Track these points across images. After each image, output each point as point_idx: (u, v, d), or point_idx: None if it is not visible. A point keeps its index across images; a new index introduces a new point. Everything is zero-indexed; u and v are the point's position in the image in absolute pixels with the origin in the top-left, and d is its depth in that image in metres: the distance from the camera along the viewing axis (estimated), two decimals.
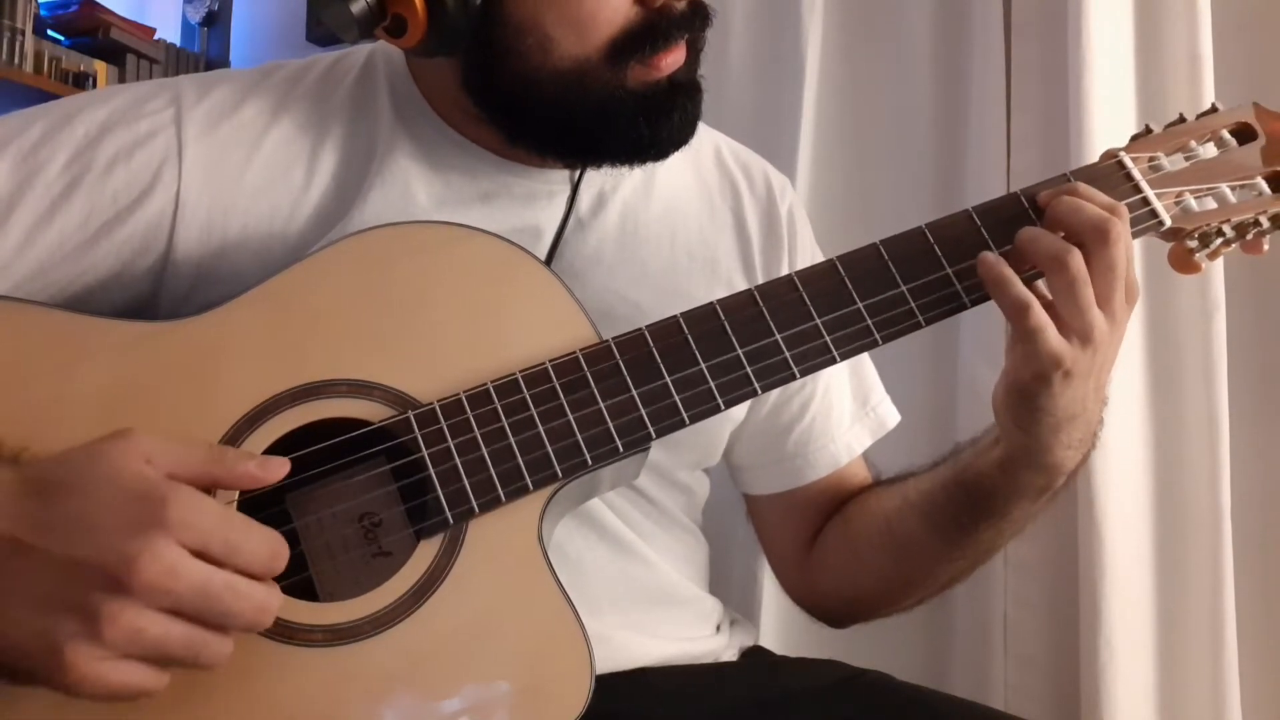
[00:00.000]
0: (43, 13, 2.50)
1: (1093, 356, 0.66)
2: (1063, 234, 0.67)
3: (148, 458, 0.54)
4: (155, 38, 2.68)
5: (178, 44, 2.79)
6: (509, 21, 0.70)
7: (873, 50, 1.44)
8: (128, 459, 0.54)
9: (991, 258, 0.67)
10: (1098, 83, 1.18)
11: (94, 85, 2.46)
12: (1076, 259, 0.65)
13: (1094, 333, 0.65)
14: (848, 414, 0.91)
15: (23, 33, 2.34)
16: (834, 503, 0.91)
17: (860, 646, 1.03)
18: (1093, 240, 0.65)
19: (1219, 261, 1.13)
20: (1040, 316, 0.65)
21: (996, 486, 0.75)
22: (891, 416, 0.93)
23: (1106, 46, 1.19)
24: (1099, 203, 0.67)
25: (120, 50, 2.55)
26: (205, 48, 2.82)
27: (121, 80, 2.53)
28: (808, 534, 0.91)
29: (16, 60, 2.31)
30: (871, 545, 0.86)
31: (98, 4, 2.55)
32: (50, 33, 2.52)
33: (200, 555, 0.52)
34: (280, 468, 0.59)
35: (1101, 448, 1.15)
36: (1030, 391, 0.67)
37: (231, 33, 2.79)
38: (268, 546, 0.55)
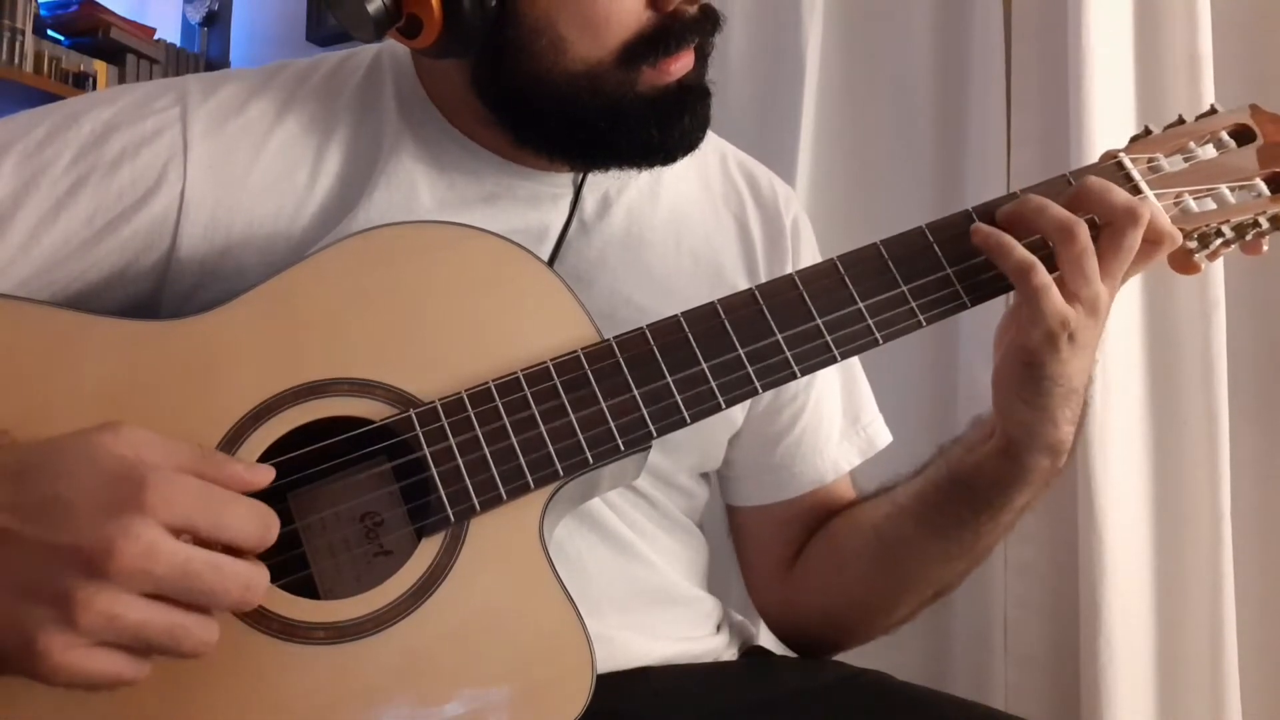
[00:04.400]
0: (43, 13, 2.50)
1: (1096, 326, 0.67)
2: (1090, 216, 0.68)
3: (132, 446, 0.53)
4: (155, 38, 2.68)
5: (178, 44, 2.79)
6: (523, 22, 0.70)
7: (873, 50, 1.44)
8: (110, 445, 0.53)
9: (985, 227, 0.68)
10: (1098, 82, 1.18)
11: (94, 85, 2.46)
12: (1084, 230, 0.66)
13: (1100, 302, 0.67)
14: (837, 430, 0.90)
15: (23, 33, 2.34)
16: (818, 521, 0.89)
17: (860, 647, 1.03)
18: (1122, 220, 0.66)
19: (1218, 260, 1.13)
20: (1044, 275, 0.65)
21: (1000, 476, 0.74)
22: (882, 437, 0.92)
23: (1106, 46, 1.19)
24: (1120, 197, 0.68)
25: (120, 50, 2.55)
26: (205, 48, 2.82)
27: (121, 80, 2.53)
28: (789, 552, 0.90)
29: (16, 60, 2.31)
30: (859, 556, 0.84)
31: (98, 4, 2.55)
32: (50, 33, 2.52)
33: (183, 534, 0.51)
34: (266, 474, 0.58)
35: (1101, 447, 1.16)
36: (1039, 358, 0.67)
37: (231, 33, 2.79)
38: (257, 519, 0.54)
